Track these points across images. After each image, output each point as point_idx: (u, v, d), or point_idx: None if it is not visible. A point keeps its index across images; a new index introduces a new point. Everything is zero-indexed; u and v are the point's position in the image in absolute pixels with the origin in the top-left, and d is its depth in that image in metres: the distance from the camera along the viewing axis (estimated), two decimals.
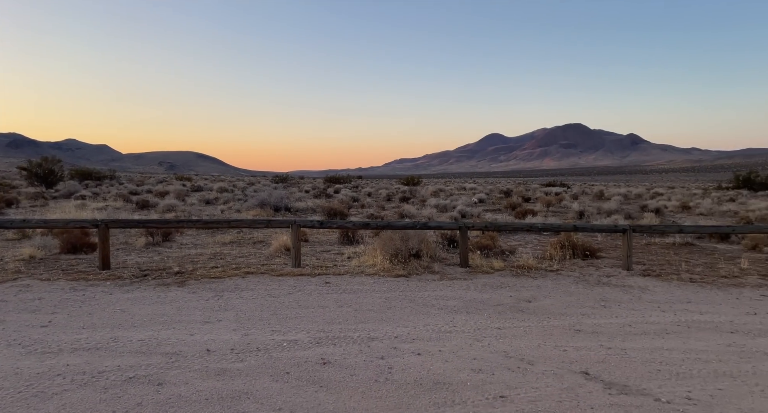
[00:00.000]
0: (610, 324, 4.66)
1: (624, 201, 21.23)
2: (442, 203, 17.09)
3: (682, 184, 67.63)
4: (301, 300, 5.38)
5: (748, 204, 18.84)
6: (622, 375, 3.41)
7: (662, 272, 7.00)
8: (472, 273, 6.83)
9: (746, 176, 30.51)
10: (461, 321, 4.72)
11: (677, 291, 5.97)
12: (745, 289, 6.06)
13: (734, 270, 7.11)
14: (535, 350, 3.93)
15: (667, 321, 4.74)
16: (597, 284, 6.32)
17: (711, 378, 3.37)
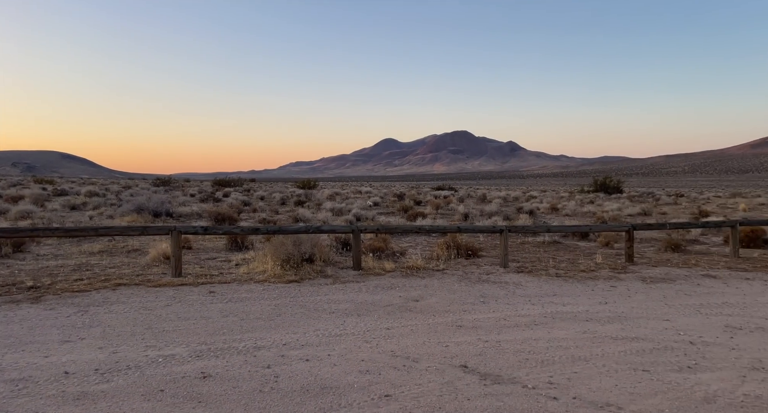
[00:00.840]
0: (488, 318, 5.02)
1: (503, 203, 23.08)
2: (338, 207, 17.13)
3: (553, 188, 75.42)
4: (181, 311, 5.02)
5: (604, 205, 21.56)
6: (496, 366, 3.68)
7: (534, 268, 7.71)
8: (365, 276, 6.93)
9: (602, 181, 34.93)
10: (352, 323, 4.75)
11: (545, 286, 6.62)
12: (599, 281, 6.91)
13: (591, 264, 8.07)
14: (420, 347, 4.09)
15: (536, 314, 5.23)
16: (478, 281, 6.77)
17: (569, 362, 3.77)
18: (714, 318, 5.10)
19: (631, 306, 5.61)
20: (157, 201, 14.25)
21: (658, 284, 6.77)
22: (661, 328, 4.71)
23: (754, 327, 4.76)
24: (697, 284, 6.81)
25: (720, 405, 3.01)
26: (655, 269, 7.78)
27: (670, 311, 5.38)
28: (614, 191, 33.98)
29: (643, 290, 6.42)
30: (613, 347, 4.14)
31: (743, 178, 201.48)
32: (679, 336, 4.44)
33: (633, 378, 3.47)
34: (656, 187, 77.41)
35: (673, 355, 3.93)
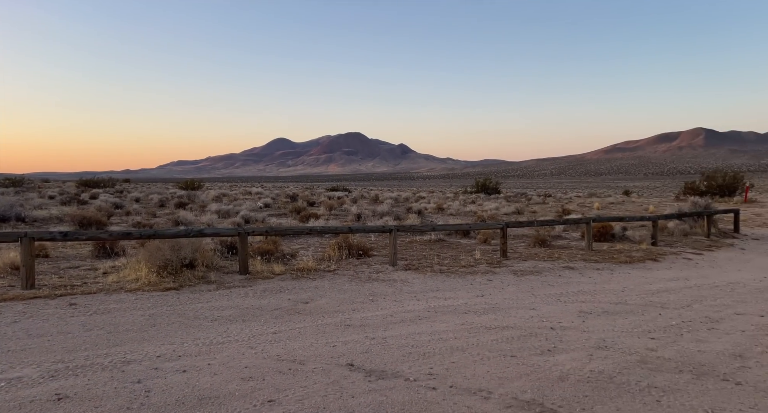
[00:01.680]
0: (376, 316, 5.14)
1: (395, 204, 23.81)
2: (224, 208, 16.30)
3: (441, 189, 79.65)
4: (32, 327, 4.42)
5: (484, 205, 23.25)
6: (381, 362, 3.79)
7: (420, 266, 8.07)
8: (252, 280, 6.69)
9: (483, 183, 37.65)
10: (236, 330, 4.56)
11: (430, 282, 6.96)
12: (477, 276, 7.44)
13: (471, 260, 8.66)
14: (307, 349, 4.06)
15: (420, 309, 5.47)
16: (368, 280, 6.90)
17: (448, 353, 4.01)
18: (571, 305, 5.77)
19: (504, 297, 6.13)
20: (5, 203, 12.36)
21: (528, 276, 7.48)
22: (528, 317, 5.20)
23: (601, 311, 5.47)
24: (559, 275, 7.64)
25: (571, 382, 3.41)
26: (525, 263, 8.58)
27: (536, 300, 5.98)
28: (493, 192, 36.82)
29: (514, 282, 7.05)
30: (487, 336, 4.49)
31: (598, 180, 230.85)
32: (543, 323, 4.95)
33: (503, 363, 3.79)
34: (529, 188, 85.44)
35: (537, 341, 4.37)
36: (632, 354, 3.96)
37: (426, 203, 24.40)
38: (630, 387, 3.32)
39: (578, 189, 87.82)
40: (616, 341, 4.34)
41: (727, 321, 4.98)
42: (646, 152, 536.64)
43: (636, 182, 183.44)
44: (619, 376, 3.51)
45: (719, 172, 34.66)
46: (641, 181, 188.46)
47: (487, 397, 3.17)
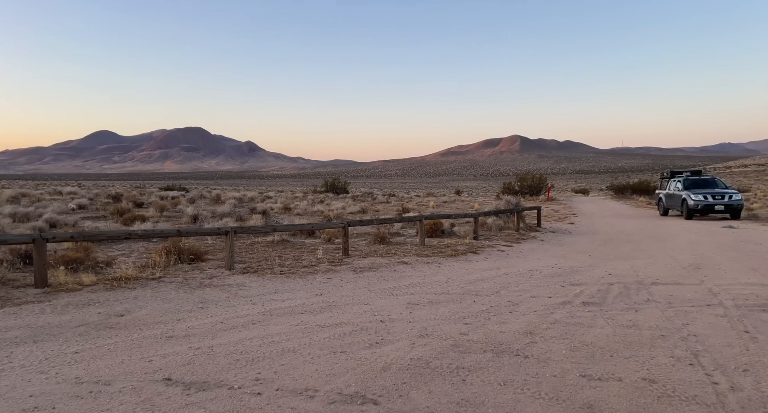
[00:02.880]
0: (204, 324, 4.83)
1: (238, 204, 22.76)
2: (23, 211, 13.72)
3: (291, 188, 78.73)
4: None
5: (332, 205, 23.61)
6: (204, 373, 3.56)
7: (260, 268, 7.82)
8: (53, 294, 5.74)
9: (332, 182, 38.28)
10: (22, 354, 3.85)
11: (269, 284, 6.79)
12: (318, 275, 7.50)
13: (313, 260, 8.70)
14: (116, 368, 3.62)
15: (255, 313, 5.30)
16: (199, 287, 6.45)
17: (278, 356, 3.95)
18: (401, 297, 6.16)
19: (342, 294, 6.28)
20: None
21: (366, 273, 7.78)
22: (361, 312, 5.40)
23: (426, 301, 5.95)
24: (394, 270, 8.11)
25: (393, 371, 3.63)
26: (365, 260, 8.92)
27: (371, 296, 6.25)
28: (342, 191, 37.67)
29: (353, 280, 7.27)
30: (321, 335, 4.54)
31: (436, 180, 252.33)
32: (374, 317, 5.18)
33: (332, 360, 3.86)
34: (376, 188, 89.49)
35: (367, 334, 4.56)
36: (447, 340, 4.38)
37: (273, 203, 23.85)
38: (442, 370, 3.65)
39: (419, 189, 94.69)
40: (436, 329, 4.75)
41: (524, 304, 5.82)
42: (475, 156, 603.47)
43: (467, 182, 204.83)
44: (434, 361, 3.84)
45: (529, 174, 40.45)
46: (471, 182, 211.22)
47: (312, 396, 3.20)
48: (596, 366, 3.72)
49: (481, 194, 55.92)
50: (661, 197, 22.71)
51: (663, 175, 24.33)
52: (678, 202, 20.22)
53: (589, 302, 5.84)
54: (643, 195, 38.62)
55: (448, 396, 3.22)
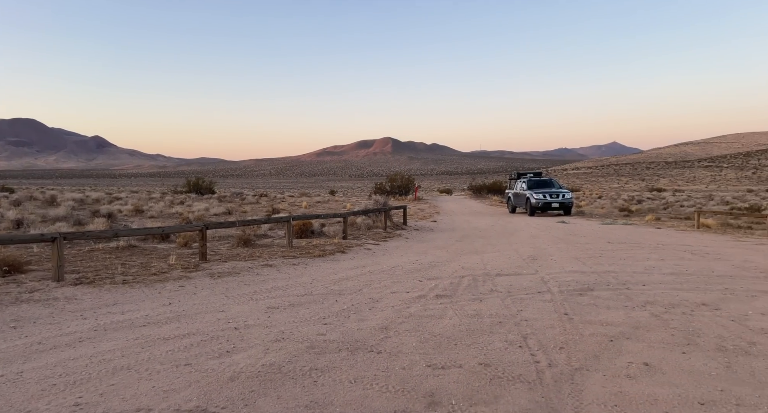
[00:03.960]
0: (15, 346, 4.10)
1: (79, 206, 20.04)
2: None
3: (148, 188, 71.71)
4: None
5: (193, 206, 22.01)
6: (6, 405, 3.01)
7: (97, 278, 6.93)
8: None
9: (195, 182, 35.70)
10: None
11: (107, 296, 6.04)
12: (168, 283, 6.88)
13: (164, 266, 7.97)
14: None
15: (85, 329, 4.65)
16: (13, 303, 5.49)
17: (108, 375, 3.50)
18: (261, 302, 5.93)
19: (194, 303, 5.83)
20: None
21: (225, 278, 7.35)
22: (215, 320, 5.07)
23: (288, 304, 5.80)
24: (257, 274, 7.79)
25: (241, 380, 3.45)
26: (225, 264, 8.44)
27: (228, 302, 5.91)
28: (207, 192, 35.36)
29: (209, 286, 6.81)
30: (163, 348, 4.14)
31: (312, 180, 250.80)
32: (228, 324, 4.90)
33: (173, 375, 3.54)
34: (247, 188, 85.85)
35: (218, 344, 4.28)
36: (304, 342, 4.31)
37: (122, 205, 21.47)
38: (295, 374, 3.57)
39: (294, 189, 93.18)
40: (294, 331, 4.65)
41: (384, 300, 5.99)
42: (350, 156, 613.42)
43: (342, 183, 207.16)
44: (287, 365, 3.74)
45: (398, 175, 42.21)
46: (346, 182, 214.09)
47: None
48: (441, 356, 3.95)
49: (355, 194, 56.95)
50: (509, 196, 25.37)
51: (511, 177, 27.21)
52: (523, 201, 22.76)
53: (441, 295, 6.23)
54: (496, 194, 42.82)
55: (297, 399, 3.15)
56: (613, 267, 8.22)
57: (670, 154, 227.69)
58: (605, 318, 5.02)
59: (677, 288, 6.48)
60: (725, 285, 6.57)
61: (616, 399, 3.10)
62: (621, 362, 3.74)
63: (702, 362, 3.70)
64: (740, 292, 6.15)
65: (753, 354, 3.87)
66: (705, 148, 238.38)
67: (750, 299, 5.79)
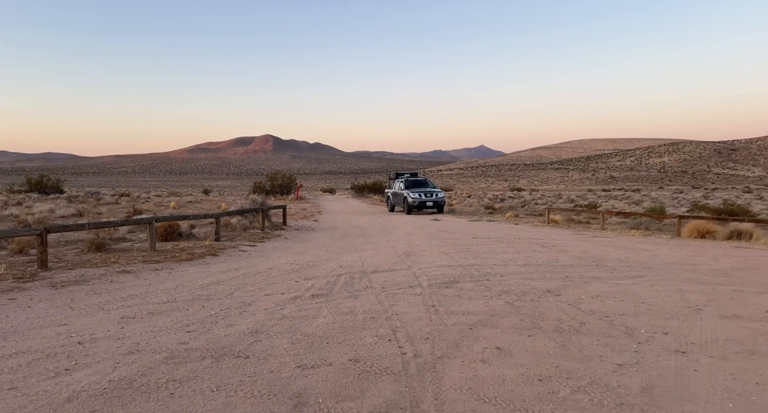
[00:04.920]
0: None
1: None
2: None
3: None
4: None
5: (34, 207, 19.13)
6: None
7: None
8: None
9: (38, 180, 31.05)
10: None
11: None
12: None
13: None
14: None
15: None
16: None
17: None
18: (114, 312, 5.33)
19: (28, 317, 5.04)
20: None
21: (70, 287, 6.49)
22: (53, 335, 4.44)
23: (146, 313, 5.30)
24: (111, 281, 7.00)
25: (81, 400, 3.06)
26: (71, 272, 7.45)
27: (72, 314, 5.21)
28: (54, 191, 30.98)
29: (49, 297, 5.95)
30: None
31: (183, 179, 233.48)
32: (70, 339, 4.32)
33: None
34: (106, 187, 77.10)
35: (55, 361, 3.75)
36: (162, 352, 3.96)
37: None
38: (149, 388, 3.26)
39: (162, 188, 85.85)
40: (151, 342, 4.25)
41: (257, 303, 5.77)
42: (227, 154, 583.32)
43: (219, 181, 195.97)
44: (140, 379, 3.40)
45: (279, 174, 41.26)
46: (223, 181, 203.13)
47: None
48: (312, 355, 3.92)
49: (233, 193, 54.33)
50: (389, 195, 26.24)
51: (390, 177, 28.17)
52: (401, 200, 23.70)
53: (318, 294, 6.19)
54: (377, 194, 44.02)
55: None
56: (477, 260, 8.91)
57: (528, 157, 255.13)
58: (467, 308, 5.42)
59: (528, 277, 7.24)
60: (566, 274, 7.49)
61: (471, 382, 3.34)
62: (477, 348, 4.06)
63: (543, 343, 4.17)
64: (577, 279, 7.06)
65: (583, 332, 4.46)
66: (556, 152, 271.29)
67: (584, 285, 6.68)
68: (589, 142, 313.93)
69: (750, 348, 3.94)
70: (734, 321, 4.73)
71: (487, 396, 3.14)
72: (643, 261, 8.58)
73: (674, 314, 5.04)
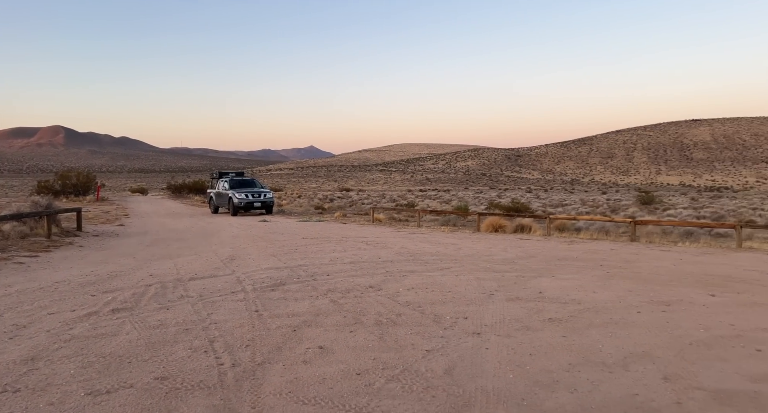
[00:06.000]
0: None
1: None
2: None
3: None
4: None
5: None
6: None
7: None
8: None
9: None
10: None
11: None
12: None
13: None
14: None
15: None
16: None
17: None
18: None
19: None
20: None
21: None
22: None
23: None
24: None
25: None
26: None
27: None
28: None
29: None
30: None
31: None
32: None
33: None
34: None
35: None
36: None
37: None
38: None
39: None
40: None
41: (36, 324, 4.80)
42: (2, 147, 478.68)
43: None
44: None
45: (73, 172, 35.42)
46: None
47: None
48: (108, 379, 3.40)
49: (9, 194, 44.67)
50: (212, 196, 24.61)
51: (213, 176, 26.45)
52: (226, 200, 22.43)
53: (120, 308, 5.43)
54: (199, 194, 40.89)
55: None
56: (305, 261, 8.91)
57: (356, 158, 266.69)
58: (292, 309, 5.34)
59: (353, 275, 7.49)
60: (387, 269, 7.97)
61: (291, 385, 3.29)
62: (300, 349, 4.02)
63: (363, 337, 4.34)
64: (396, 274, 7.57)
65: (399, 323, 4.78)
66: (380, 154, 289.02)
67: (402, 278, 7.19)
68: (408, 146, 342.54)
69: (526, 325, 4.71)
70: (516, 303, 5.61)
71: (307, 397, 3.12)
72: (451, 255, 9.63)
73: (473, 300, 5.75)
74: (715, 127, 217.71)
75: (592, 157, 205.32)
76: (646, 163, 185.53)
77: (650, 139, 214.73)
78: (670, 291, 6.11)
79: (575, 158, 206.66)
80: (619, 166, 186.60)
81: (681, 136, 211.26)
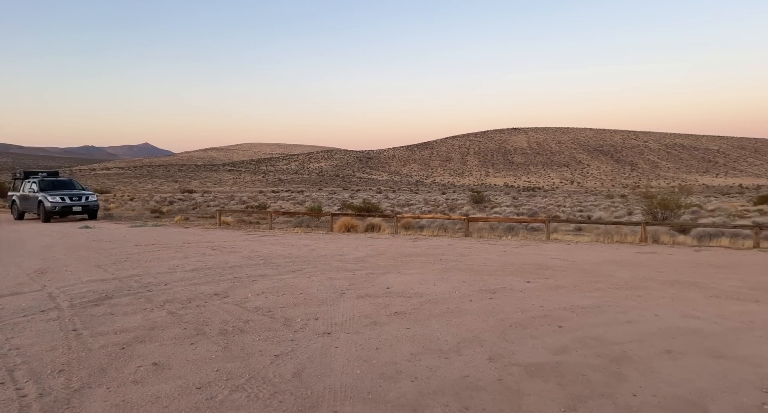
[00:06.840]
0: None
1: None
2: None
3: None
4: None
5: None
6: None
7: None
8: None
9: None
10: None
11: None
12: None
13: None
14: None
15: None
16: None
17: None
18: None
19: None
20: None
21: None
22: None
23: None
24: None
25: None
26: None
27: None
28: None
29: None
30: None
31: None
32: None
33: None
34: None
35: None
36: None
37: None
38: None
39: None
40: None
41: None
42: None
43: None
44: None
45: None
46: None
47: None
48: None
49: None
50: (15, 200, 20.67)
51: (16, 176, 22.26)
52: (35, 205, 19.04)
53: None
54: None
55: None
56: (138, 270, 8.00)
57: (200, 157, 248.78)
58: (121, 325, 4.75)
59: (196, 282, 6.96)
60: (235, 275, 7.58)
61: (117, 409, 2.91)
62: (130, 368, 3.59)
63: (206, 349, 4.05)
64: (245, 279, 7.24)
65: (246, 331, 4.57)
66: (228, 153, 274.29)
67: (251, 283, 6.90)
68: (259, 146, 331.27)
69: (374, 321, 4.90)
70: (366, 300, 5.80)
71: None
72: (304, 256, 9.57)
73: (324, 300, 5.79)
74: (530, 135, 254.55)
75: (433, 160, 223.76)
76: (478, 166, 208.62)
77: (480, 145, 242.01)
78: (496, 280, 6.94)
79: (419, 161, 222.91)
80: (455, 168, 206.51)
81: (504, 143, 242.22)
